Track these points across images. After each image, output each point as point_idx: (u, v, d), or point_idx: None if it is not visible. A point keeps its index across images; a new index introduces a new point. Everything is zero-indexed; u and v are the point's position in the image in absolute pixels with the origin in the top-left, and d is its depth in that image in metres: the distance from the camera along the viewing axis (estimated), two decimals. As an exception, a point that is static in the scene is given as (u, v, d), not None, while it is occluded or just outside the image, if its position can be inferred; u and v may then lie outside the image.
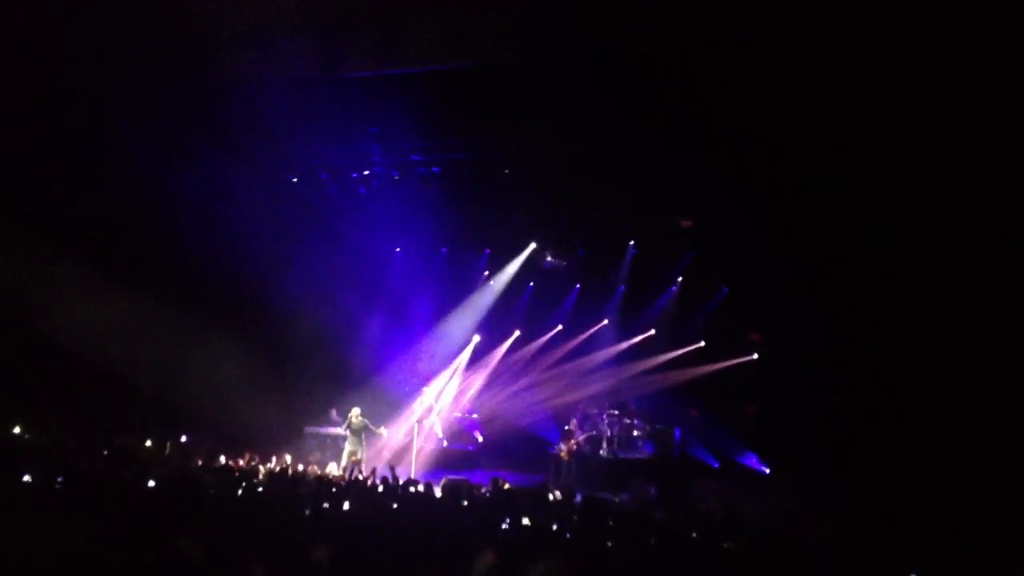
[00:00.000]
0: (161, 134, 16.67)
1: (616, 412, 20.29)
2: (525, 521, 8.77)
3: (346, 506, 9.71)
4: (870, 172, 15.02)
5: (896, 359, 16.48)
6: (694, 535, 8.10)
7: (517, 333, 21.80)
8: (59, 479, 9.26)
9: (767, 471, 19.11)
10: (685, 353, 20.60)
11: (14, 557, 5.24)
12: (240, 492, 10.34)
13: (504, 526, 8.35)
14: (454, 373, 21.54)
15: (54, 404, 16.74)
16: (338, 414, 18.89)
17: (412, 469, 17.16)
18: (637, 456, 19.62)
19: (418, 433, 18.30)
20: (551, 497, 10.89)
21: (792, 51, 12.97)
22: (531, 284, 22.26)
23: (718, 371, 19.93)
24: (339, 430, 17.91)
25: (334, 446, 18.39)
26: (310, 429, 19.34)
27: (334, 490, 10.81)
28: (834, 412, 16.87)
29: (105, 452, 13.25)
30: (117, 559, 5.27)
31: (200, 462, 13.59)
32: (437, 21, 13.70)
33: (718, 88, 13.99)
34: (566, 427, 19.13)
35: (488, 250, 22.20)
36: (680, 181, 16.90)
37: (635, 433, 20.02)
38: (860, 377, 16.78)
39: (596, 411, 20.49)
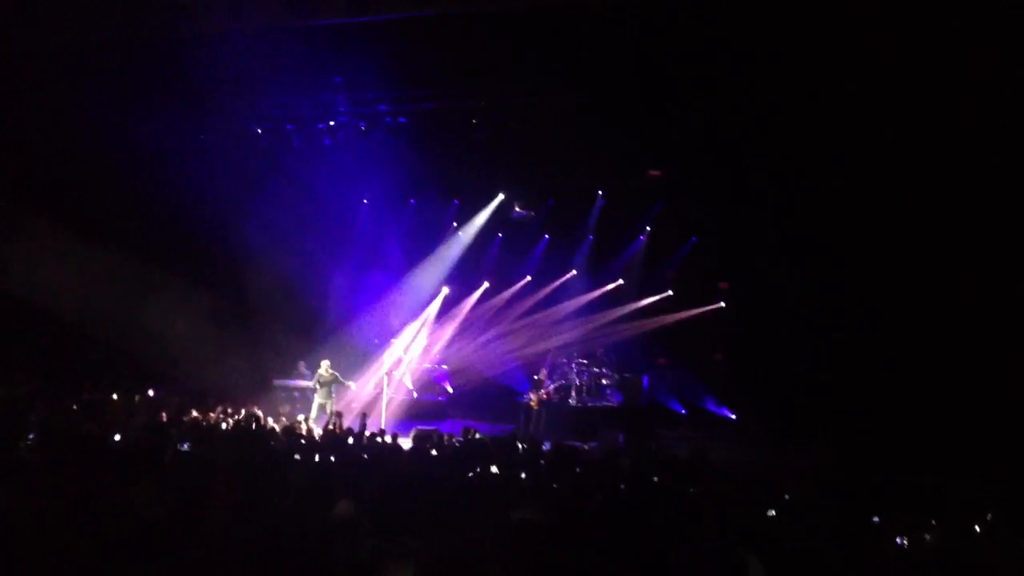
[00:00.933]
0: (123, 84, 16.41)
1: (585, 361, 20.45)
2: (494, 469, 8.85)
3: (317, 458, 9.73)
4: (842, 120, 15.07)
5: (864, 306, 16.66)
6: (659, 480, 8.21)
7: (486, 284, 21.80)
8: (28, 436, 9.20)
9: (734, 417, 19.36)
10: (654, 302, 20.73)
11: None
12: (209, 445, 10.32)
13: (471, 475, 8.41)
14: (423, 324, 21.56)
15: (19, 360, 16.56)
16: (307, 367, 18.88)
17: (382, 420, 17.22)
18: (606, 404, 19.81)
19: (388, 385, 18.34)
20: (520, 446, 10.99)
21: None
22: (500, 235, 22.23)
23: (686, 320, 20.08)
24: (308, 383, 17.90)
25: (303, 399, 18.37)
26: (279, 382, 19.27)
27: (304, 442, 10.82)
28: (800, 360, 17.07)
29: (73, 407, 13.17)
30: (84, 513, 5.26)
31: (167, 416, 13.53)
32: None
33: (689, 37, 13.92)
34: (535, 376, 19.23)
35: (456, 201, 22.11)
36: (649, 131, 16.87)
37: (604, 382, 20.20)
38: (827, 325, 16.98)
39: (565, 360, 20.64)
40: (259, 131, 18.81)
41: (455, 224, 22.34)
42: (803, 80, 14.40)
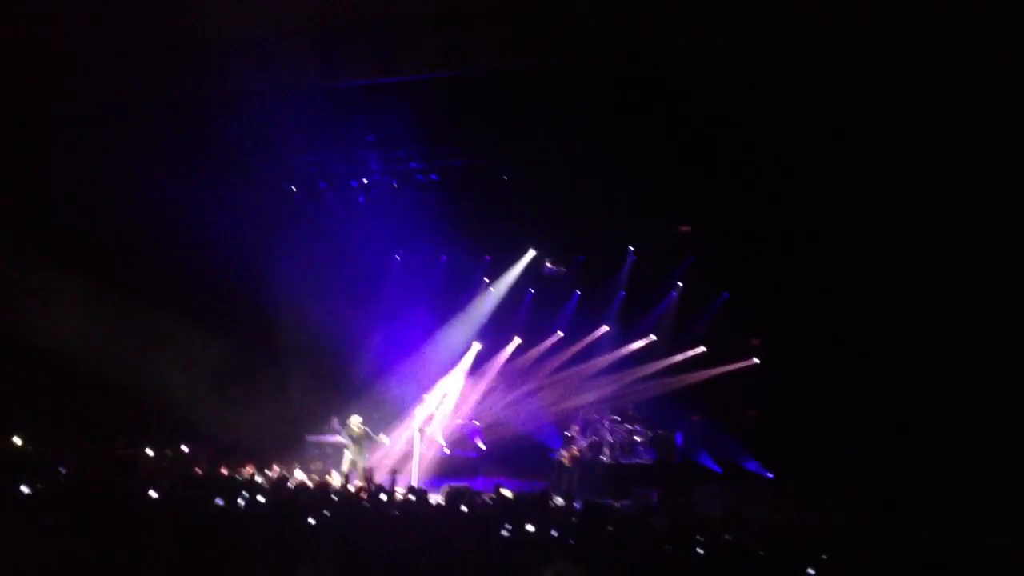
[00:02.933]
0: (158, 145, 16.64)
1: (617, 418, 20.28)
2: (528, 528, 8.75)
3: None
4: (868, 175, 15.04)
5: (898, 361, 16.46)
6: (695, 540, 8.07)
7: (517, 340, 21.74)
8: (58, 490, 9.25)
9: (770, 476, 19.06)
10: (686, 358, 20.58)
11: (12, 570, 5.21)
12: (242, 502, 10.30)
13: (505, 533, 8.32)
14: (455, 380, 21.50)
15: (53, 415, 16.67)
16: (339, 422, 18.87)
17: (413, 477, 17.14)
18: (639, 462, 19.58)
19: (419, 441, 18.27)
20: (553, 504, 10.88)
21: (790, 58, 13.02)
22: (531, 291, 22.24)
23: (719, 376, 19.91)
24: (340, 438, 17.88)
25: (336, 454, 18.31)
26: (311, 438, 19.27)
27: (335, 499, 10.78)
28: (835, 415, 16.84)
29: (105, 462, 13.23)
30: (115, 571, 5.26)
31: (201, 471, 13.56)
32: (435, 29, 13.73)
33: (716, 94, 14.02)
34: (567, 433, 19.09)
35: (488, 257, 22.17)
36: (679, 186, 16.91)
37: (636, 439, 19.98)
38: (861, 380, 16.74)
39: (597, 417, 20.48)
40: (292, 188, 19.02)
41: (486, 280, 22.38)
42: (833, 133, 14.40)
